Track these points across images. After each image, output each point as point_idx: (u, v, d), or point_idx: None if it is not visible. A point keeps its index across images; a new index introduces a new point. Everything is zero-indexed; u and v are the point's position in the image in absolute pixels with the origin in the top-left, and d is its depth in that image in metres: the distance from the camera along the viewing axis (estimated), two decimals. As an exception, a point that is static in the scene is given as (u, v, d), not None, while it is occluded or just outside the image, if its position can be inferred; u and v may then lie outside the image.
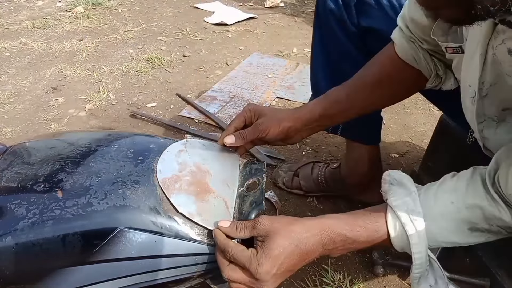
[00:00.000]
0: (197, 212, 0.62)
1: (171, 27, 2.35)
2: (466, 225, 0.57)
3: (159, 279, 0.60)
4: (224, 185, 0.69)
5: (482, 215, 0.55)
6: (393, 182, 0.62)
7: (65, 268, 0.58)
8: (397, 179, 0.62)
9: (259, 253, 0.56)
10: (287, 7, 2.70)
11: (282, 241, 0.56)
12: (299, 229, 0.58)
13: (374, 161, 1.09)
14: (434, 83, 0.79)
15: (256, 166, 0.74)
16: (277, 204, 1.13)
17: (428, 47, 0.75)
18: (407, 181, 0.61)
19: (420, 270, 0.58)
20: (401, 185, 0.61)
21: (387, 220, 0.59)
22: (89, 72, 1.84)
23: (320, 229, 0.59)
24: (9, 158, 0.69)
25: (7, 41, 2.10)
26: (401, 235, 0.58)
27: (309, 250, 0.58)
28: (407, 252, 0.59)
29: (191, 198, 0.64)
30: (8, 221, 0.58)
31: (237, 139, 0.75)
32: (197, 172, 0.68)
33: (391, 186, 0.61)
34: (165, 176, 0.65)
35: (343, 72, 0.98)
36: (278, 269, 0.56)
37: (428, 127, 1.49)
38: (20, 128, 1.48)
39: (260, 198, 0.66)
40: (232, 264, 0.57)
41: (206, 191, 0.66)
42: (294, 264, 0.58)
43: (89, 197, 0.60)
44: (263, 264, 0.55)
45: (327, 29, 0.96)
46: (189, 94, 1.70)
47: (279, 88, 1.74)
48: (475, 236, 0.57)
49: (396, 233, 0.58)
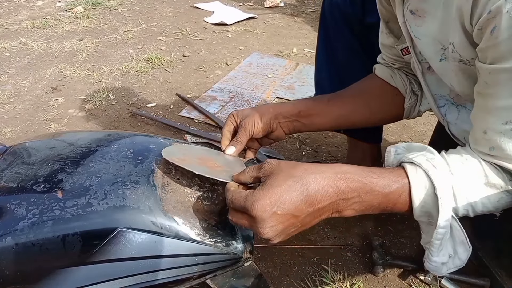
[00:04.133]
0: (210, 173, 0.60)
1: (171, 27, 2.35)
2: (483, 180, 0.55)
3: (159, 279, 0.60)
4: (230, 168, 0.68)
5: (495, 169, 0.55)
6: (399, 151, 0.59)
7: (65, 268, 0.57)
8: (405, 147, 0.60)
9: (257, 190, 0.51)
10: (287, 7, 2.70)
11: (285, 177, 0.50)
12: (307, 169, 0.52)
13: (375, 160, 1.09)
14: (411, 101, 0.83)
15: (256, 166, 0.74)
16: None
17: (400, 66, 0.82)
18: (418, 144, 0.59)
19: (446, 224, 0.53)
20: (411, 149, 0.59)
21: (406, 170, 0.54)
22: (89, 72, 1.84)
23: (334, 171, 0.53)
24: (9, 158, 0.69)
25: (7, 41, 2.10)
26: (425, 181, 0.53)
27: (319, 193, 0.51)
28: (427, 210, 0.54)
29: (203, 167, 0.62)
30: (8, 221, 0.58)
31: (237, 146, 0.75)
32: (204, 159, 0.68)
33: (398, 155, 0.59)
34: (174, 156, 0.64)
35: (348, 69, 0.98)
36: (278, 208, 0.49)
37: (428, 127, 1.49)
38: (20, 128, 1.48)
39: (260, 198, 0.66)
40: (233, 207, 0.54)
41: (216, 167, 0.66)
42: (300, 209, 0.51)
43: (89, 197, 0.60)
44: (259, 199, 0.49)
45: (332, 25, 0.96)
46: (189, 94, 1.70)
47: (279, 88, 1.74)
48: (491, 195, 0.55)
49: (418, 180, 0.53)
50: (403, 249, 1.02)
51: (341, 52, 0.98)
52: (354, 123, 0.86)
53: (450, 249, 0.56)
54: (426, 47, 0.64)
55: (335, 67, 1.00)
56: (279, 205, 0.49)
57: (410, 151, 0.58)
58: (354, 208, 0.54)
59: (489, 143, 0.54)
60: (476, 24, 0.49)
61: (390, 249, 1.01)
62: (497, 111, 0.52)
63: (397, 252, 1.01)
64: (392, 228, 1.07)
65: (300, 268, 0.97)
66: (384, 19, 0.79)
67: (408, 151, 0.59)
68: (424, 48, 0.65)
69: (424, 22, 0.61)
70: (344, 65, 0.98)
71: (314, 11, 2.62)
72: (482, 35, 0.48)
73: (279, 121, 0.79)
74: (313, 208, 0.51)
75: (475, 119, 0.57)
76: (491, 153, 0.55)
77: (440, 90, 0.72)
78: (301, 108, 0.80)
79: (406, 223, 1.08)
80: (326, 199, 0.51)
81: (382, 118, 0.88)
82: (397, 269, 0.97)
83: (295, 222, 0.52)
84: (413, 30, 0.65)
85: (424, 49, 0.65)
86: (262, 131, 0.77)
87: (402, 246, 1.03)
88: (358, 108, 0.83)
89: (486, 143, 0.55)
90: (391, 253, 0.99)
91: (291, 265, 0.97)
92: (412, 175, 0.54)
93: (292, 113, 0.79)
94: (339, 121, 0.84)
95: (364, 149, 1.07)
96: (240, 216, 0.52)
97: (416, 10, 0.62)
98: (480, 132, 0.55)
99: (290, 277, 0.95)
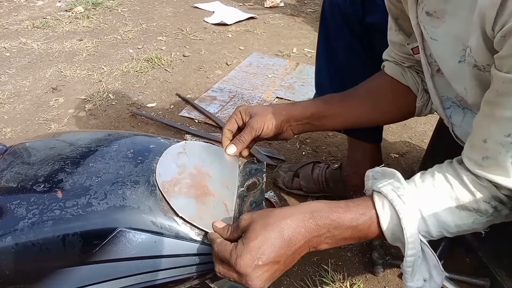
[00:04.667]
0: (197, 215, 0.62)
1: (171, 27, 2.35)
2: (454, 203, 0.56)
3: (159, 279, 0.60)
4: (224, 188, 0.69)
5: (467, 191, 0.56)
6: (376, 176, 0.62)
7: (65, 268, 0.58)
8: (380, 172, 0.62)
9: (239, 245, 0.54)
10: (287, 7, 2.70)
11: (260, 229, 0.54)
12: (279, 215, 0.56)
13: (376, 160, 1.09)
14: (423, 100, 0.81)
15: (256, 166, 0.74)
16: (277, 204, 1.13)
17: (410, 64, 0.80)
18: (390, 170, 0.61)
19: (414, 252, 0.55)
20: (384, 175, 0.61)
21: (374, 201, 0.57)
22: (89, 72, 1.84)
23: (302, 212, 0.56)
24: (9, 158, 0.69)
25: (7, 41, 2.10)
26: (391, 213, 0.56)
27: (292, 236, 0.55)
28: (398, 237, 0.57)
29: (191, 201, 0.63)
30: (8, 221, 0.58)
31: (238, 145, 0.75)
32: (197, 175, 0.68)
33: (374, 180, 0.61)
34: (165, 179, 0.64)
35: (348, 69, 0.98)
36: (259, 260, 0.53)
37: (428, 127, 1.49)
38: (20, 128, 1.48)
39: (260, 198, 0.66)
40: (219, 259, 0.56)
41: (206, 194, 0.66)
42: (279, 255, 0.55)
43: (89, 197, 0.60)
44: (241, 255, 0.53)
45: (333, 25, 0.96)
46: (189, 94, 1.70)
47: (279, 88, 1.74)
48: (462, 216, 0.56)
49: (384, 211, 0.56)
50: (403, 249, 1.02)
51: (341, 52, 0.98)
52: (364, 123, 0.86)
53: (425, 273, 0.58)
54: (443, 48, 0.62)
55: (336, 67, 1.00)
56: (259, 256, 0.53)
57: (384, 177, 0.60)
58: (327, 242, 0.57)
59: (485, 152, 0.54)
60: (499, 31, 0.47)
61: (390, 249, 1.01)
62: (502, 122, 0.51)
63: (397, 252, 1.01)
64: (392, 228, 1.07)
65: (300, 268, 0.97)
66: (393, 16, 0.77)
67: (382, 176, 0.61)
68: (440, 49, 0.63)
69: (442, 23, 0.59)
70: (345, 65, 0.98)
71: (314, 11, 2.62)
72: (504, 43, 0.47)
73: (290, 124, 0.79)
74: (291, 251, 0.55)
75: (477, 126, 0.56)
76: (482, 163, 0.54)
77: (447, 92, 0.71)
78: (312, 110, 0.80)
79: (406, 223, 1.08)
80: (300, 239, 0.55)
81: (393, 117, 0.88)
82: (397, 269, 0.97)
83: (278, 267, 0.56)
84: (428, 31, 0.63)
85: (439, 51, 0.63)
86: (272, 133, 0.77)
87: (402, 246, 1.03)
88: (369, 109, 0.83)
89: (482, 151, 0.54)
90: (391, 253, 0.99)
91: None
92: (378, 206, 0.56)
93: (304, 116, 0.79)
94: (350, 122, 0.84)
95: (364, 149, 1.07)
96: (227, 269, 0.55)
97: (434, 12, 0.60)
98: (479, 140, 0.55)
99: (290, 277, 0.95)
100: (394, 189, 0.56)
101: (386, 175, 0.61)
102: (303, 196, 1.17)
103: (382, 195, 0.57)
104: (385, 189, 0.57)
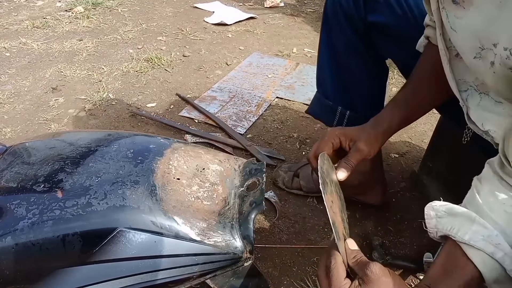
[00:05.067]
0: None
1: (171, 27, 2.35)
2: None
3: (159, 279, 0.60)
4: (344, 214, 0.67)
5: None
6: (441, 215, 0.58)
7: (65, 268, 0.57)
8: (446, 210, 0.59)
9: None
10: (287, 7, 2.69)
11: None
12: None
13: (376, 160, 1.09)
14: None
15: (256, 166, 0.74)
16: (277, 204, 1.13)
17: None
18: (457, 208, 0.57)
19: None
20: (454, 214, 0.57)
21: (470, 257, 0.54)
22: (89, 72, 1.84)
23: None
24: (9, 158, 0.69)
25: (7, 41, 2.10)
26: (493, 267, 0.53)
27: None
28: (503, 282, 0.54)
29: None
30: (8, 221, 0.58)
31: (348, 171, 0.75)
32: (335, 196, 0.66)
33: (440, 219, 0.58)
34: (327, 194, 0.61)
35: (350, 68, 0.98)
36: None
37: (428, 127, 1.49)
38: (20, 128, 1.48)
39: (260, 198, 0.66)
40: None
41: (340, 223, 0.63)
42: None
43: (89, 197, 0.60)
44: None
45: (334, 23, 0.96)
46: (189, 94, 1.70)
47: (279, 88, 1.74)
48: None
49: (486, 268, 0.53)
50: (403, 249, 1.02)
51: (343, 51, 0.98)
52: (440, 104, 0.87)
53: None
54: (461, 42, 0.59)
55: (337, 66, 1.00)
56: None
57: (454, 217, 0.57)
58: None
59: None
60: None
61: (390, 249, 1.01)
62: None
63: (397, 252, 1.01)
64: (392, 228, 1.07)
65: (300, 268, 0.97)
66: None
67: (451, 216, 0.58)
68: (457, 41, 0.60)
69: (466, 14, 0.55)
70: (346, 64, 0.98)
71: (314, 11, 2.62)
72: None
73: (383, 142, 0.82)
74: None
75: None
76: None
77: (465, 76, 0.69)
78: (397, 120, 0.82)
79: (406, 223, 1.08)
80: None
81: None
82: (397, 269, 0.97)
83: None
84: (450, 20, 0.59)
85: (457, 42, 0.60)
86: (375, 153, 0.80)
87: (402, 246, 1.03)
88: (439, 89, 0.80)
89: None
90: (391, 253, 0.99)
91: (291, 265, 0.97)
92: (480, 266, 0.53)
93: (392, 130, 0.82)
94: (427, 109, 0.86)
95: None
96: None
97: (463, 1, 0.55)
98: None
99: (290, 277, 0.95)
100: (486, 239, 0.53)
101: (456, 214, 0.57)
102: (303, 196, 1.17)
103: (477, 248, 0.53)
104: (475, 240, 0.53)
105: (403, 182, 1.24)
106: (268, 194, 1.16)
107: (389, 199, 1.15)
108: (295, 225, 1.08)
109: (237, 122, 1.51)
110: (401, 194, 1.20)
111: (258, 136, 1.44)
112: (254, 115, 1.55)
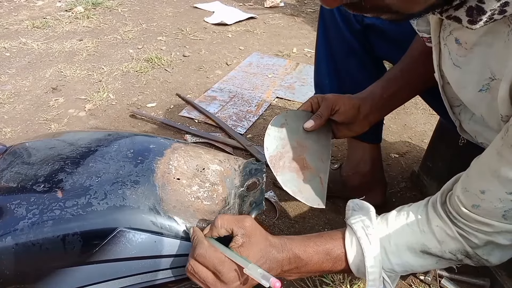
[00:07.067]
0: (298, 190, 0.71)
1: (171, 27, 2.35)
2: (419, 247, 0.59)
3: (159, 279, 0.60)
4: (319, 161, 0.76)
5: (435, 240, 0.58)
6: (355, 208, 0.66)
7: (65, 268, 0.58)
8: (359, 205, 0.66)
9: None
10: (287, 7, 2.70)
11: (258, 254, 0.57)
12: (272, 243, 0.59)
13: (376, 160, 1.09)
14: None
15: (256, 166, 0.74)
16: (277, 204, 1.13)
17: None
18: (367, 206, 0.65)
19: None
20: (362, 209, 0.65)
21: (344, 236, 0.62)
22: (89, 72, 1.84)
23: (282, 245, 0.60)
24: (9, 158, 0.69)
25: (7, 41, 2.10)
26: (357, 250, 0.60)
27: (270, 267, 0.58)
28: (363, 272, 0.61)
29: (293, 176, 0.71)
30: (8, 221, 0.58)
31: (316, 121, 0.77)
32: (297, 148, 0.75)
33: (353, 211, 0.65)
34: (272, 154, 0.72)
35: (347, 69, 0.98)
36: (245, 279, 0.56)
37: (428, 127, 1.49)
38: (20, 128, 1.48)
39: (260, 198, 0.66)
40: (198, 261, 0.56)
41: (305, 168, 0.73)
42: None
43: (89, 197, 0.60)
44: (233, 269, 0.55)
45: (331, 25, 0.96)
46: (189, 94, 1.70)
47: (279, 88, 1.74)
48: (426, 259, 0.60)
49: (352, 249, 0.61)
50: (403, 249, 1.02)
51: (340, 52, 0.98)
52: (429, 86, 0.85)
53: None
54: (465, 76, 0.58)
55: (334, 67, 1.00)
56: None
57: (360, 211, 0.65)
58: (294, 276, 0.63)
59: (479, 202, 0.52)
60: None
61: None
62: (507, 182, 0.49)
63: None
64: (392, 228, 1.07)
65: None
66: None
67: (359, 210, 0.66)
68: (460, 76, 0.59)
69: (470, 53, 0.55)
70: (343, 65, 0.98)
71: (314, 11, 2.62)
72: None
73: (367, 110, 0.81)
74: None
75: (479, 173, 0.54)
76: (472, 210, 0.54)
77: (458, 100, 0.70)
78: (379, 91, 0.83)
79: (406, 223, 1.08)
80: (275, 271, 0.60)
81: None
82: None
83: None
84: (452, 57, 0.59)
85: (459, 78, 0.60)
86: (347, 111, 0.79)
87: (402, 246, 1.03)
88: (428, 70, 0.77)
89: (475, 200, 0.53)
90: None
91: (291, 265, 0.97)
92: (347, 243, 0.62)
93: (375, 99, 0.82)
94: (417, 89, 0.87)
95: (364, 149, 1.07)
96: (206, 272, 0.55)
97: (465, 42, 0.55)
98: (476, 189, 0.53)
99: (290, 277, 0.95)
100: (364, 227, 0.61)
101: (362, 209, 0.65)
102: (303, 196, 1.17)
103: (353, 231, 0.61)
104: (356, 226, 0.61)
105: (403, 182, 1.24)
106: (268, 194, 1.16)
107: (389, 199, 1.15)
108: (295, 225, 1.08)
109: (237, 122, 1.51)
110: (401, 194, 1.20)
111: (258, 136, 1.44)
112: (254, 115, 1.55)
